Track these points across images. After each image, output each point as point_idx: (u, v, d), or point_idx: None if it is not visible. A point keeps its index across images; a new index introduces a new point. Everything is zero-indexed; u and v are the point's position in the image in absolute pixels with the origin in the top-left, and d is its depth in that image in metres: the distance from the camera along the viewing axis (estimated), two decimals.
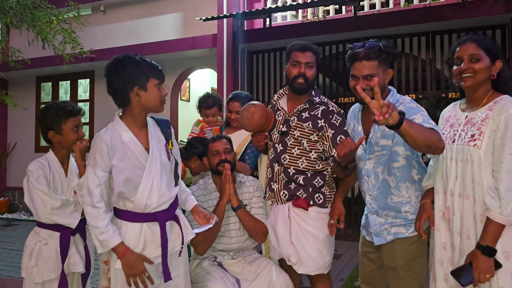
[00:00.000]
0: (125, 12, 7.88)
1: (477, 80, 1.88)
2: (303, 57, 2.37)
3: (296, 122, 2.40)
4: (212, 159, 2.59)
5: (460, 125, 1.94)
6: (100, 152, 1.87)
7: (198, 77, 8.94)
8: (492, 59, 1.89)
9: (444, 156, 1.96)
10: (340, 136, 2.32)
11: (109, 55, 8.09)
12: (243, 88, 6.65)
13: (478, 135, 1.84)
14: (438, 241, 1.99)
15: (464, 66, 1.90)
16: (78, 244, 2.32)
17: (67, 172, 2.34)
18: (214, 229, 2.42)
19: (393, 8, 5.82)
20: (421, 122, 1.88)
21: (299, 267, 2.36)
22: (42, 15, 3.98)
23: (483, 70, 1.88)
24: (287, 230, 2.39)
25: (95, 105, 8.28)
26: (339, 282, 4.13)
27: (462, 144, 1.88)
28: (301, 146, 2.39)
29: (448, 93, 5.56)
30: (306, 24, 6.20)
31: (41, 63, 7.69)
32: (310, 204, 2.38)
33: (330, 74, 6.62)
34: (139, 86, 1.90)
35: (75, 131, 2.31)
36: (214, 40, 6.71)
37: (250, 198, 2.64)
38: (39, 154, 8.95)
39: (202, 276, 2.40)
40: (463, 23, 5.40)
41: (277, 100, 2.55)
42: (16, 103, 4.38)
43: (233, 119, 3.10)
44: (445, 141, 1.92)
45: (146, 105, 1.93)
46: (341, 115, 2.39)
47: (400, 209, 2.11)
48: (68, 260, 2.24)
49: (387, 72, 2.12)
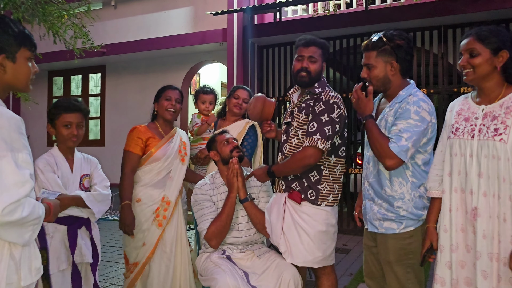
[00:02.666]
0: (135, 7, 7.90)
1: (478, 75, 1.83)
2: (306, 52, 2.42)
3: (296, 113, 2.46)
4: (224, 149, 2.60)
5: (477, 118, 1.83)
6: None
7: (208, 71, 8.94)
8: (495, 50, 1.80)
9: (462, 152, 1.85)
10: (313, 123, 2.32)
11: (120, 50, 8.21)
12: (253, 82, 6.65)
13: (504, 129, 1.73)
14: (447, 242, 1.90)
15: (462, 61, 1.87)
16: (84, 236, 2.35)
17: (71, 167, 2.36)
18: (227, 222, 2.45)
19: (404, 2, 5.76)
20: (396, 129, 1.99)
21: (287, 256, 2.40)
22: (53, 9, 4.01)
23: (482, 64, 1.80)
24: (279, 220, 2.43)
25: (106, 99, 8.34)
26: (348, 276, 4.13)
27: (486, 139, 1.77)
28: (296, 137, 2.43)
29: (460, 88, 5.50)
30: (317, 18, 6.16)
31: (53, 57, 7.76)
32: (303, 198, 2.39)
33: (340, 69, 6.58)
34: (7, 55, 1.48)
35: (66, 127, 2.31)
36: (224, 35, 6.70)
37: (258, 192, 2.65)
38: (51, 148, 9.05)
39: (211, 269, 2.42)
40: (476, 17, 5.32)
41: (292, 94, 2.62)
42: (28, 97, 4.42)
43: (240, 104, 3.10)
44: (462, 136, 1.86)
45: (11, 80, 1.51)
46: (328, 103, 2.34)
47: (393, 203, 2.09)
48: (77, 252, 2.28)
49: (390, 64, 2.10)
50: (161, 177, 2.77)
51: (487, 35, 1.81)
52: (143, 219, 2.71)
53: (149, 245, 2.70)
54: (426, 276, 3.99)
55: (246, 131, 3.06)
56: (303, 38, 2.46)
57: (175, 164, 2.81)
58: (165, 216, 2.73)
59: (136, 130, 2.81)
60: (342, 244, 5.43)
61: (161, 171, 2.76)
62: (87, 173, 2.43)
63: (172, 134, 2.88)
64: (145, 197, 2.73)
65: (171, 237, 2.75)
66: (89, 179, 2.43)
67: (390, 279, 2.13)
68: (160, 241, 2.73)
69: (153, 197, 2.74)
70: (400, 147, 1.95)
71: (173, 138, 2.86)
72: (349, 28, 5.89)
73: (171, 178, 2.79)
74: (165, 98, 2.88)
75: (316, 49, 2.42)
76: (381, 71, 2.11)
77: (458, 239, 1.86)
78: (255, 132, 3.11)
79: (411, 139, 1.96)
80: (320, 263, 2.41)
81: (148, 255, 2.70)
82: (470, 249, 1.82)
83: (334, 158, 2.43)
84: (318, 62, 2.43)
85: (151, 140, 2.78)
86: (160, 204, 2.73)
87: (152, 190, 2.75)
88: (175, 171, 2.80)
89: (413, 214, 2.07)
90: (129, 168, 2.74)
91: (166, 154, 2.77)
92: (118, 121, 7.97)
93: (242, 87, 3.21)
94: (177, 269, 2.76)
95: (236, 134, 3.02)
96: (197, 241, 3.24)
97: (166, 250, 2.73)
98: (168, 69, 7.73)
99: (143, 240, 2.70)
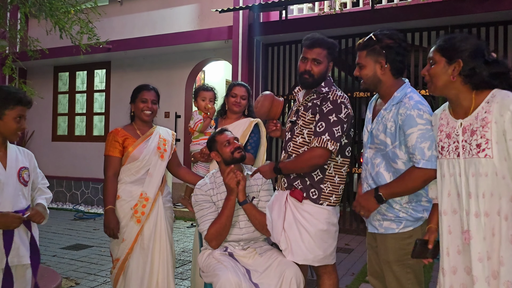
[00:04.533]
0: (141, 3, 7.91)
1: (436, 85, 1.80)
2: (310, 54, 2.41)
3: (302, 111, 2.46)
4: (225, 149, 2.59)
5: (458, 135, 1.76)
6: None
7: (213, 69, 8.94)
8: (450, 59, 1.75)
9: (451, 172, 1.78)
10: (321, 123, 2.31)
11: (125, 46, 8.23)
12: (258, 80, 6.64)
13: (485, 143, 1.65)
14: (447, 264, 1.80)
15: (422, 71, 1.85)
16: (23, 235, 2.21)
17: (4, 163, 2.18)
18: (226, 224, 2.46)
19: (411, 1, 5.73)
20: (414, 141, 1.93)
21: (288, 253, 2.40)
22: (60, 5, 4.02)
23: (436, 74, 1.78)
24: (281, 217, 2.43)
25: (111, 95, 8.37)
26: (350, 276, 4.12)
27: (471, 157, 1.70)
28: (301, 136, 2.42)
29: None
30: (323, 16, 6.14)
31: (59, 53, 7.79)
32: (304, 196, 2.38)
33: (345, 68, 6.56)
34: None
35: (17, 120, 2.17)
36: (229, 32, 6.69)
37: (258, 191, 2.64)
38: (56, 142, 9.14)
39: (213, 265, 2.42)
40: (483, 17, 5.29)
41: (297, 92, 2.61)
42: (33, 91, 4.43)
43: (238, 102, 3.08)
44: (449, 156, 1.79)
45: None
46: (336, 103, 2.34)
47: (392, 205, 2.08)
48: (13, 253, 2.13)
49: (380, 64, 2.08)
50: (140, 175, 2.78)
51: (444, 44, 1.78)
52: (122, 215, 2.72)
53: (128, 241, 2.71)
54: (429, 278, 3.98)
55: (252, 129, 3.04)
56: (310, 38, 2.43)
57: (153, 161, 2.81)
58: (144, 212, 2.73)
59: (112, 134, 2.83)
60: (344, 243, 5.42)
61: (140, 169, 2.78)
62: (25, 165, 2.27)
63: (150, 133, 2.88)
64: (124, 194, 2.75)
65: (149, 233, 2.74)
66: (28, 172, 2.27)
67: (390, 279, 2.12)
68: (139, 237, 2.73)
69: (132, 194, 2.75)
70: (429, 160, 1.90)
71: (151, 137, 2.87)
72: (355, 27, 5.86)
73: (150, 174, 2.79)
74: (141, 100, 2.85)
75: (321, 50, 2.40)
76: (370, 71, 2.10)
77: (457, 262, 1.77)
78: (259, 131, 3.10)
79: (432, 147, 1.91)
80: (321, 261, 2.41)
81: (127, 251, 2.70)
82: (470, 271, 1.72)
83: (341, 158, 2.42)
84: (323, 63, 2.41)
85: (128, 141, 2.79)
86: (138, 200, 2.73)
87: (132, 187, 2.76)
88: (154, 167, 2.80)
89: (412, 216, 2.07)
90: (111, 172, 2.75)
91: (143, 153, 2.78)
92: (123, 117, 7.92)
93: (239, 84, 3.17)
94: (155, 265, 2.75)
95: (241, 133, 3.01)
96: (200, 239, 3.24)
97: (144, 246, 2.73)
98: (173, 66, 7.74)
99: (122, 236, 2.71)
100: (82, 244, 5.38)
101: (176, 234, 5.96)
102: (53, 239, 5.67)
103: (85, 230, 6.26)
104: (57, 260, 4.67)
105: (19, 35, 4.23)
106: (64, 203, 8.65)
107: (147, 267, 2.72)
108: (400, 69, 2.12)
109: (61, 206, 8.35)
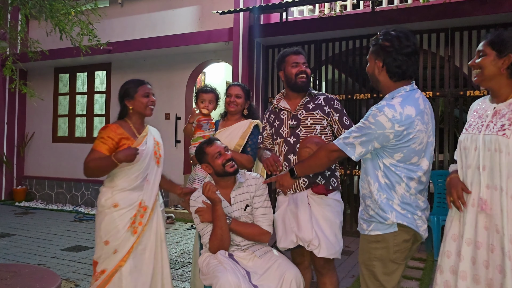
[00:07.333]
0: (142, 5, 7.92)
1: (484, 76, 1.91)
2: (299, 58, 2.70)
3: (305, 113, 2.66)
4: (216, 162, 2.55)
5: (488, 116, 1.93)
6: None
7: (213, 70, 8.95)
8: (500, 53, 1.86)
9: (467, 146, 1.94)
10: (344, 117, 2.69)
11: (126, 48, 8.22)
12: (258, 82, 6.64)
13: (508, 125, 1.82)
14: (449, 232, 1.96)
15: (471, 62, 1.96)
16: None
17: None
18: (223, 235, 2.47)
19: (412, 4, 5.73)
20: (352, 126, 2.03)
21: (319, 251, 2.44)
22: (61, 6, 4.02)
23: (487, 65, 1.89)
24: (308, 215, 2.50)
25: (111, 97, 8.36)
26: (350, 278, 4.11)
27: (490, 134, 1.85)
28: (315, 132, 2.61)
29: (466, 91, 5.45)
30: (323, 18, 6.14)
31: (59, 54, 7.79)
32: (329, 189, 2.55)
33: (346, 70, 6.56)
34: None
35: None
36: (230, 34, 6.70)
37: (252, 198, 2.62)
38: (56, 144, 9.14)
39: (213, 267, 2.41)
40: (484, 20, 5.29)
41: (278, 103, 2.78)
42: (33, 93, 4.42)
43: (233, 101, 3.07)
44: (472, 132, 1.94)
45: None
46: (339, 100, 2.78)
47: (365, 201, 2.06)
48: None
49: (377, 64, 2.05)
50: (139, 180, 2.63)
51: (495, 39, 1.89)
52: (121, 225, 2.54)
53: (120, 253, 2.54)
54: (428, 280, 3.97)
55: (251, 131, 3.04)
56: (289, 50, 2.74)
57: (151, 166, 2.68)
58: (141, 223, 2.60)
59: (108, 129, 2.61)
60: (344, 246, 5.38)
61: (139, 174, 2.62)
62: None
63: (145, 133, 2.72)
64: (124, 202, 2.57)
65: (149, 242, 2.63)
66: None
67: (361, 280, 2.10)
68: (134, 249, 2.56)
69: (132, 201, 2.59)
70: (347, 144, 1.98)
71: (147, 137, 2.71)
72: (355, 29, 5.86)
73: (148, 181, 2.66)
74: (144, 94, 2.68)
75: (304, 57, 2.75)
76: (370, 68, 2.11)
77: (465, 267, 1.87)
78: (259, 131, 3.10)
79: (359, 140, 1.94)
80: (339, 253, 2.52)
81: (119, 263, 2.52)
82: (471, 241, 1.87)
83: None
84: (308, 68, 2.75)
85: (124, 141, 2.60)
86: (137, 209, 2.59)
87: (131, 194, 2.60)
88: (151, 174, 2.68)
89: (379, 215, 1.97)
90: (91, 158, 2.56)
91: (143, 155, 2.62)
92: None
93: (233, 84, 3.18)
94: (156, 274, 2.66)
95: (241, 134, 3.01)
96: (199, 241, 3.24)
97: (143, 257, 2.61)
98: (174, 67, 7.74)
99: (115, 248, 2.54)
100: (82, 246, 5.37)
101: (176, 236, 5.95)
102: (53, 240, 5.67)
103: (85, 231, 6.25)
104: (56, 261, 4.66)
105: (20, 37, 4.23)
106: (64, 204, 8.64)
107: (148, 278, 2.60)
108: (397, 74, 2.00)
109: (61, 207, 8.34)
